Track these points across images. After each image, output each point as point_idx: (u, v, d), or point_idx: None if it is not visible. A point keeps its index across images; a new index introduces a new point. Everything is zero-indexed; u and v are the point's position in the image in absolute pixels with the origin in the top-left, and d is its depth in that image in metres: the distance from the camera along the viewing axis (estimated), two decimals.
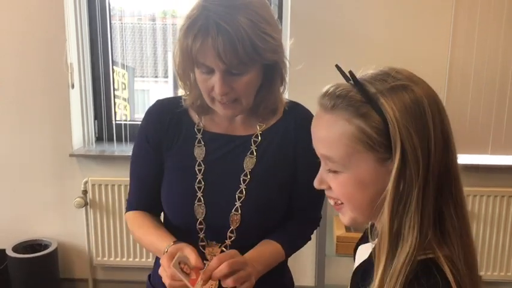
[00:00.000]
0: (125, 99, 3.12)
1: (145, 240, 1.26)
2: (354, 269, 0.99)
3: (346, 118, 0.80)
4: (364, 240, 1.01)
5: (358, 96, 0.79)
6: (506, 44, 2.63)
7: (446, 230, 0.81)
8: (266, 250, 1.21)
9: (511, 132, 2.72)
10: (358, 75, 0.83)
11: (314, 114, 0.85)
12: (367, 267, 0.88)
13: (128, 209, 1.33)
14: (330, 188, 0.86)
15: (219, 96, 1.13)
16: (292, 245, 1.28)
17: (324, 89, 0.84)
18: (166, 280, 1.05)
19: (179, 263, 1.04)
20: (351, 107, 0.79)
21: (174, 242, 1.15)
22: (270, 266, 1.21)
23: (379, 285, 0.79)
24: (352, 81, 0.81)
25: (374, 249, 0.84)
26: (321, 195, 1.29)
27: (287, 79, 1.22)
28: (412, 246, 0.77)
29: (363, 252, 0.96)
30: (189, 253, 1.07)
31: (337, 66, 0.85)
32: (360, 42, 2.62)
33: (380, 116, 0.77)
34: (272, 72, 1.18)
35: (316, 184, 0.88)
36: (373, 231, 0.89)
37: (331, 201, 0.88)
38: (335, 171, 0.84)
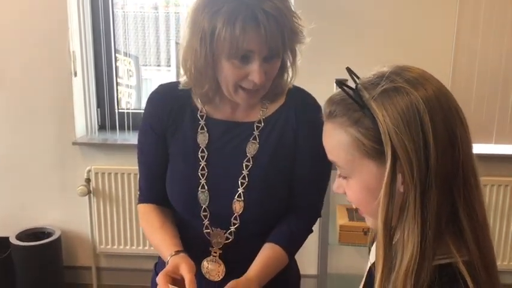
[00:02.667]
0: (127, 86, 3.10)
1: (151, 241, 1.26)
2: (369, 266, 0.97)
3: (342, 126, 0.80)
4: None
5: (352, 103, 0.79)
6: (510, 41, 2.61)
7: (462, 233, 0.79)
8: (270, 262, 1.20)
9: None
10: (363, 74, 0.82)
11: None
12: None
13: (140, 200, 1.32)
14: (345, 193, 0.87)
15: (253, 85, 1.12)
16: (296, 246, 1.27)
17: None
18: None
19: None
20: (346, 115, 0.80)
21: (176, 252, 1.15)
22: (273, 275, 1.21)
23: None
24: (356, 84, 0.81)
25: None
26: (322, 184, 1.29)
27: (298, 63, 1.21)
28: (415, 252, 0.75)
29: None
30: (185, 272, 1.07)
31: (347, 68, 0.85)
32: (364, 29, 2.61)
33: (372, 123, 0.77)
34: (285, 58, 1.18)
35: (334, 188, 0.88)
36: None
37: (354, 206, 0.88)
38: (345, 177, 0.84)
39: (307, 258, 2.53)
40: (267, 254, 1.21)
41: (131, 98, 3.14)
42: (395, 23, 2.61)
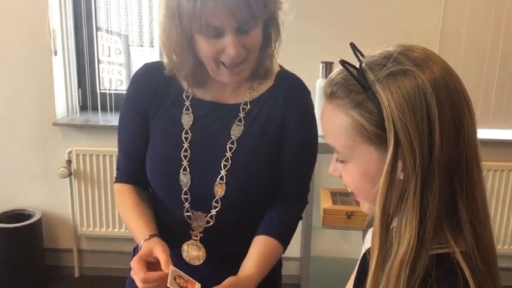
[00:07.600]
0: (120, 64, 3.04)
1: (126, 222, 1.24)
2: (363, 253, 0.95)
3: (343, 109, 0.77)
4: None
5: (355, 85, 0.75)
6: (496, 20, 2.61)
7: (460, 224, 0.76)
8: (268, 257, 1.19)
9: (498, 106, 2.72)
10: (367, 53, 0.79)
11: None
12: None
13: (117, 179, 1.29)
14: (341, 176, 0.84)
15: (231, 59, 1.08)
16: (289, 236, 1.25)
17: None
18: (139, 284, 1.04)
19: (175, 278, 1.02)
20: (348, 97, 0.76)
21: (150, 236, 1.14)
22: (270, 268, 1.20)
23: (371, 282, 0.77)
24: (360, 64, 0.77)
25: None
26: (309, 170, 1.28)
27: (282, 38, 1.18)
28: (411, 244, 0.73)
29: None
30: (159, 253, 1.06)
31: (351, 44, 0.81)
32: (348, 3, 2.58)
33: (376, 107, 0.73)
34: (269, 30, 1.15)
35: (330, 171, 0.85)
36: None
37: (349, 190, 0.86)
38: (343, 161, 0.81)
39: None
40: (264, 248, 1.19)
41: (121, 75, 3.06)
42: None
